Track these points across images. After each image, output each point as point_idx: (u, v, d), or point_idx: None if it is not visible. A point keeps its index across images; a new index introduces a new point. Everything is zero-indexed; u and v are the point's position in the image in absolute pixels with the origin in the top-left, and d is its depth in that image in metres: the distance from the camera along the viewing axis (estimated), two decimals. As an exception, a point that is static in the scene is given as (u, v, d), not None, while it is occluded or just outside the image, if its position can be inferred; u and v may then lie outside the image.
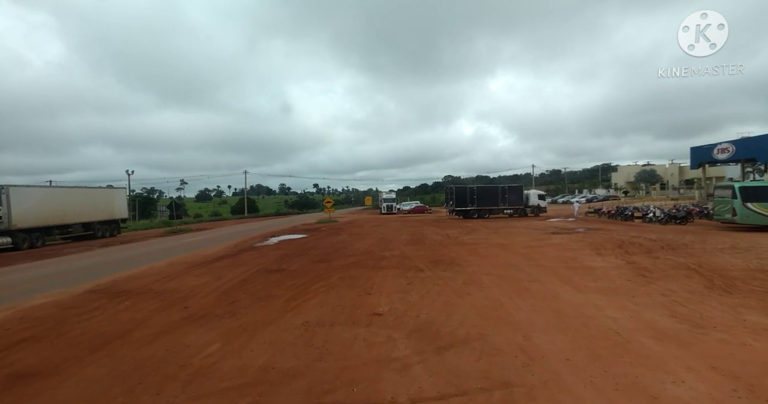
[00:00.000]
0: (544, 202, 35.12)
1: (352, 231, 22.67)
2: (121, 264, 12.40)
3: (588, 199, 56.26)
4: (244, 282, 8.83)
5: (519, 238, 17.11)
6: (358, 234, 20.15)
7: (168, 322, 6.02)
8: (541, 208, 34.43)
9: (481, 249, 13.93)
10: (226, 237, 21.60)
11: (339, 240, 17.71)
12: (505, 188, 34.60)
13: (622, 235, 16.86)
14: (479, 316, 6.10)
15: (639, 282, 8.21)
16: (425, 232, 20.93)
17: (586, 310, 6.27)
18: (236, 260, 12.19)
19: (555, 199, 68.55)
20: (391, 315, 6.21)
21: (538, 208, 34.20)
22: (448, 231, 20.98)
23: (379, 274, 9.56)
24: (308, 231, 23.57)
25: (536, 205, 34.21)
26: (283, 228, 26.63)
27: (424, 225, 26.90)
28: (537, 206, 34.21)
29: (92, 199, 22.71)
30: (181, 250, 15.51)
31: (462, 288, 7.96)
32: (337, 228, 25.41)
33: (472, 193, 33.97)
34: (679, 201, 38.79)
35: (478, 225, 25.50)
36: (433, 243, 15.96)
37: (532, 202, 34.24)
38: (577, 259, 11.29)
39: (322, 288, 8.17)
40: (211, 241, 19.17)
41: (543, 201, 35.00)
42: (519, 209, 33.80)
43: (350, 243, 16.08)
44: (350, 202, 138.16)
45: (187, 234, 24.47)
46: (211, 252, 14.16)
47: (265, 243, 17.35)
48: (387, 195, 52.40)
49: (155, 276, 9.83)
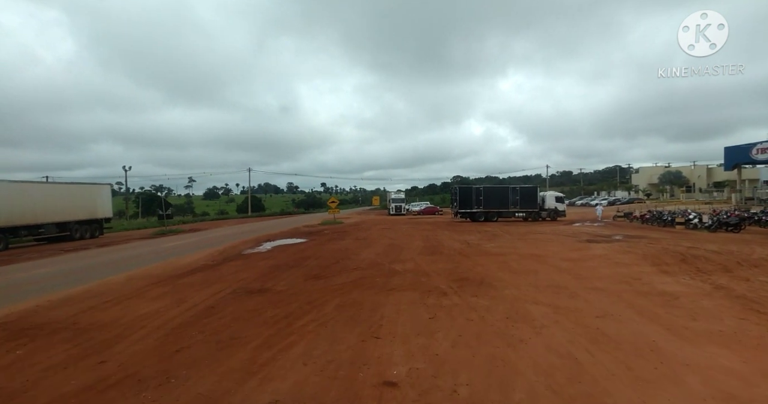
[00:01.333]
0: (563, 205, 31.89)
1: (358, 235, 20.40)
2: (70, 277, 10.19)
3: (609, 201, 53.27)
4: (208, 312, 6.58)
5: (552, 247, 14.68)
6: (365, 240, 17.86)
7: (55, 398, 3.77)
8: (559, 212, 31.31)
9: (512, 261, 11.55)
10: (217, 240, 19.45)
11: (342, 246, 15.44)
12: (517, 189, 31.83)
13: (674, 245, 14.35)
14: (555, 393, 3.76)
15: (759, 322, 5.79)
16: (440, 238, 18.57)
17: (727, 385, 3.89)
18: (213, 274, 9.96)
19: (572, 201, 65.55)
20: (411, 387, 3.91)
21: (555, 212, 31.10)
22: (466, 237, 18.60)
23: (390, 300, 7.26)
24: (309, 234, 21.35)
25: (553, 208, 31.12)
26: (283, 230, 24.41)
27: (438, 228, 24.53)
28: (554, 209, 31.13)
29: (69, 196, 20.59)
30: (155, 258, 13.35)
31: (508, 328, 5.62)
32: (341, 231, 23.17)
33: (478, 194, 31.31)
34: (713, 205, 35.82)
35: (498, 229, 23.04)
36: (452, 252, 13.61)
37: (549, 205, 31.20)
38: (642, 279, 8.87)
39: (312, 324, 5.88)
40: (197, 246, 17.03)
41: (561, 203, 31.83)
42: (533, 212, 30.92)
43: (354, 252, 13.80)
44: (358, 201, 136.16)
45: (176, 237, 22.34)
46: (188, 262, 11.97)
47: (257, 249, 15.14)
48: (396, 195, 50.01)
49: (99, 297, 7.62)
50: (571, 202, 64.22)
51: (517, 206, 30.96)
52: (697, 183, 63.17)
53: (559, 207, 31.40)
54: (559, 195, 32.94)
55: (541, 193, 32.11)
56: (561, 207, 31.47)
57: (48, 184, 21.03)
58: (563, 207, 31.70)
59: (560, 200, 31.89)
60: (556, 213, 31.07)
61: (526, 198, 31.01)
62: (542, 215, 30.90)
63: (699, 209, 29.01)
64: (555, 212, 31.05)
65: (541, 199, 31.35)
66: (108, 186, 24.18)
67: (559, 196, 32.69)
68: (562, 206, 31.69)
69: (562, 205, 31.74)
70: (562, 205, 31.74)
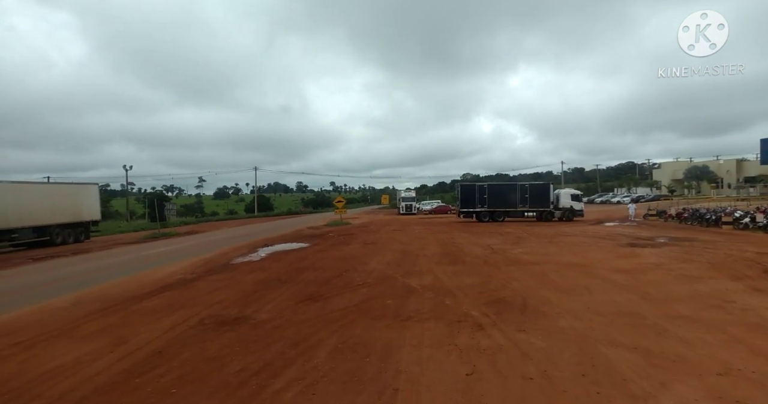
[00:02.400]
0: (580, 204, 28.50)
1: (366, 238, 18.44)
2: (2, 300, 8.34)
3: (632, 198, 50.44)
4: (151, 362, 4.66)
5: (592, 253, 12.57)
6: (373, 244, 15.89)
7: None
8: (576, 211, 27.99)
9: (552, 273, 9.49)
10: (209, 245, 17.64)
11: (347, 253, 13.50)
12: (526, 186, 28.83)
13: (738, 251, 12.16)
14: None
15: None
16: (458, 241, 16.54)
17: None
18: (183, 294, 8.06)
19: (591, 198, 62.71)
20: None
21: (571, 211, 27.85)
22: (487, 240, 16.51)
23: (407, 338, 5.29)
24: (312, 237, 19.47)
25: (568, 208, 27.91)
26: (284, 233, 22.51)
27: (453, 230, 22.46)
28: (569, 208, 27.92)
29: (48, 197, 18.88)
30: (128, 269, 11.51)
31: (593, 400, 3.60)
32: (347, 233, 21.25)
33: (482, 192, 28.70)
34: (750, 201, 33.07)
35: (520, 231, 20.88)
36: (476, 260, 11.57)
37: (563, 204, 28.04)
38: (736, 301, 6.77)
39: (293, 388, 3.92)
40: (184, 252, 15.21)
41: (578, 202, 28.50)
42: (544, 212, 27.95)
43: (361, 260, 11.84)
44: (366, 200, 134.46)
45: (167, 241, 20.51)
46: (162, 275, 10.09)
47: (249, 257, 13.27)
48: (406, 193, 47.92)
49: (12, 336, 5.71)
50: (589, 200, 61.51)
51: (526, 205, 28.13)
52: (725, 178, 59.74)
53: (576, 206, 28.14)
54: (575, 192, 29.57)
55: (556, 191, 29.19)
56: (578, 207, 28.18)
57: (23, 184, 19.16)
58: (580, 207, 28.38)
59: (576, 198, 28.56)
60: (572, 213, 27.86)
61: (537, 196, 28.06)
62: (555, 215, 27.87)
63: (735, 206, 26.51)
64: (570, 211, 27.85)
65: (554, 197, 28.32)
66: (95, 185, 22.47)
67: (576, 193, 29.30)
68: (579, 205, 28.38)
69: (579, 204, 28.41)
70: (579, 204, 28.41)
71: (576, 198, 28.57)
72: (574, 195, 28.80)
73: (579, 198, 28.80)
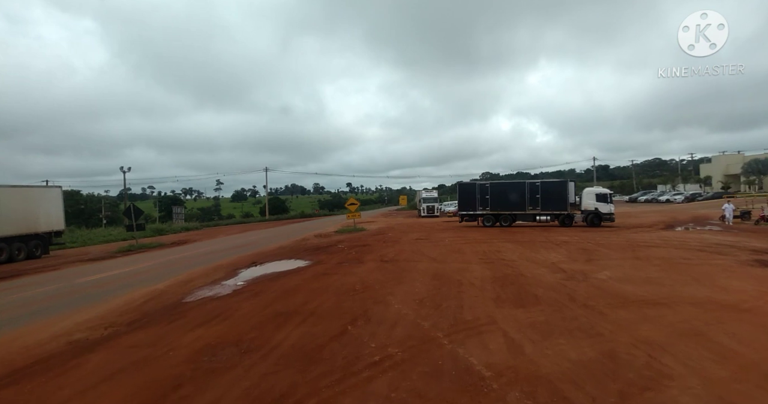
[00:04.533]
0: (608, 206, 22.51)
1: (384, 251, 14.48)
2: None
3: (686, 196, 44.77)
4: None
5: (726, 280, 8.30)
6: (394, 262, 11.90)
7: None
8: (603, 215, 22.25)
9: (705, 326, 5.36)
10: (182, 264, 13.81)
11: (357, 280, 9.53)
12: (537, 185, 23.47)
13: None
14: None
15: None
16: (506, 255, 12.40)
17: None
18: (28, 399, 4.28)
19: (633, 196, 56.90)
20: None
21: (596, 215, 22.26)
22: (545, 255, 12.32)
23: None
24: (317, 251, 15.60)
25: (592, 210, 22.39)
26: (283, 244, 18.51)
27: (491, 237, 18.25)
28: (593, 211, 22.34)
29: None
30: (18, 315, 7.80)
31: None
32: (361, 243, 17.30)
33: (484, 192, 24.41)
34: None
35: (577, 238, 16.50)
36: (554, 294, 7.45)
37: (586, 205, 22.60)
38: None
39: None
40: (137, 278, 11.24)
41: (605, 203, 22.50)
42: (561, 216, 22.88)
43: (377, 294, 7.89)
44: (383, 201, 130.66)
45: (135, 257, 16.48)
46: (44, 338, 6.11)
47: (217, 288, 9.41)
48: (427, 193, 43.65)
49: None
50: (631, 198, 55.81)
51: (537, 207, 23.14)
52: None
53: (602, 208, 22.37)
54: (601, 191, 23.45)
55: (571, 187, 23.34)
56: (604, 209, 22.38)
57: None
58: (608, 209, 22.47)
59: (603, 198, 22.63)
60: (598, 217, 22.27)
61: (551, 196, 22.94)
62: (575, 219, 22.71)
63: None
64: (596, 215, 22.29)
65: (577, 198, 23.03)
66: (57, 189, 18.85)
67: (601, 192, 23.20)
68: (607, 207, 22.44)
69: (607, 206, 22.47)
70: (607, 206, 22.47)
71: (602, 198, 22.68)
72: (600, 194, 22.86)
73: (606, 198, 22.77)
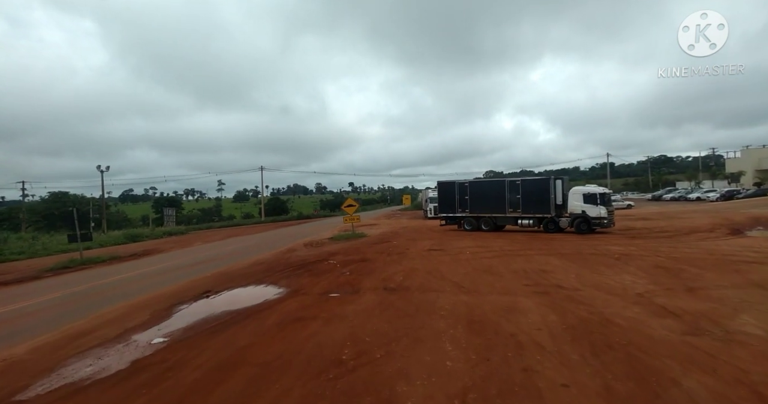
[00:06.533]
0: (598, 209, 18.33)
1: (389, 273, 10.88)
2: None
3: (723, 194, 40.76)
4: None
5: None
6: (404, 292, 8.30)
7: None
8: (593, 220, 18.30)
9: None
10: (108, 293, 10.22)
11: (344, 341, 5.85)
12: (517, 184, 20.33)
13: None
14: None
15: None
16: (562, 281, 8.75)
17: None
18: None
19: (656, 194, 52.83)
20: None
21: (584, 220, 18.43)
22: (615, 278, 8.66)
23: None
24: (300, 269, 12.02)
25: (579, 214, 18.62)
26: (260, 258, 14.82)
27: (523, 247, 14.62)
28: (581, 215, 18.56)
29: None
30: None
31: None
32: (359, 257, 13.69)
33: (463, 192, 21.85)
34: None
35: (634, 248, 12.80)
36: (698, 385, 3.84)
37: (572, 208, 18.91)
38: None
39: None
40: (12, 328, 7.92)
41: (596, 205, 18.37)
42: (545, 219, 19.47)
43: (377, 385, 4.29)
44: (386, 200, 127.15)
45: (63, 278, 13.03)
46: None
47: (112, 356, 5.86)
48: (434, 193, 39.99)
49: None
50: (655, 196, 51.86)
51: (518, 209, 20.11)
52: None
53: (591, 210, 18.37)
54: (591, 190, 19.11)
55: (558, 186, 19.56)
56: (594, 212, 18.33)
57: None
58: (598, 212, 18.30)
59: (592, 199, 18.46)
60: (586, 222, 18.39)
61: (533, 196, 19.78)
62: (561, 224, 19.14)
63: None
64: (583, 220, 18.47)
65: (563, 198, 19.28)
66: None
67: (590, 192, 18.89)
68: (596, 210, 18.30)
69: (596, 209, 18.31)
70: (596, 209, 18.31)
71: (590, 199, 18.48)
72: (588, 194, 18.63)
73: (596, 199, 18.42)
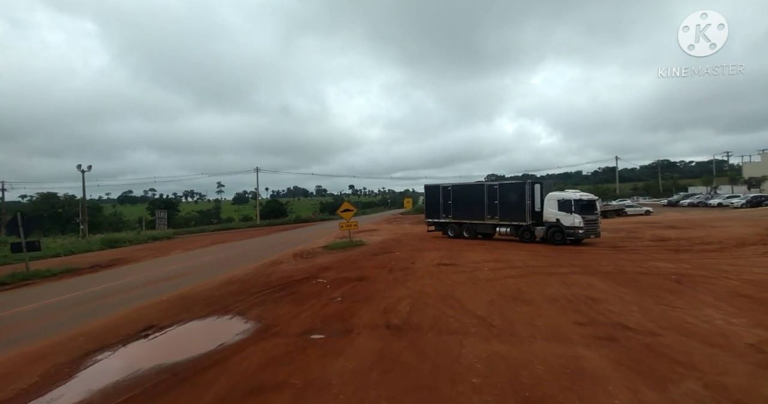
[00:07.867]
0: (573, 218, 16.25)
1: (392, 300, 8.60)
2: None
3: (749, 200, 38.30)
4: None
5: None
6: (412, 336, 6.06)
7: None
8: (567, 230, 16.32)
9: None
10: (20, 330, 8.17)
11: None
12: (494, 189, 18.87)
13: None
14: None
15: None
16: (626, 316, 6.47)
17: None
18: None
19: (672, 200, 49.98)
20: None
21: (558, 230, 16.56)
22: (698, 313, 6.40)
23: None
24: (281, 291, 9.77)
25: (553, 223, 16.76)
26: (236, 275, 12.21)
27: (550, 262, 12.37)
28: (555, 224, 16.69)
29: None
30: None
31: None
32: (354, 276, 11.38)
33: (446, 197, 20.67)
34: None
35: (681, 263, 10.54)
36: None
37: (547, 216, 17.05)
38: None
39: None
40: None
41: (572, 214, 16.30)
42: (521, 228, 17.74)
43: None
44: (387, 203, 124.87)
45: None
46: None
47: None
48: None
49: None
50: (670, 202, 49.30)
51: (495, 216, 18.63)
52: None
53: (564, 219, 16.44)
54: (566, 196, 16.87)
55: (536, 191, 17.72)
56: (568, 221, 16.33)
57: None
58: (573, 221, 16.25)
59: (567, 207, 16.43)
60: (560, 232, 16.51)
61: (510, 202, 18.15)
62: (537, 233, 17.32)
63: None
64: (557, 229, 16.60)
65: (540, 205, 17.41)
66: None
67: (565, 198, 16.75)
68: (571, 219, 16.27)
69: (572, 218, 16.27)
70: (572, 218, 16.27)
71: (565, 206, 16.49)
72: (563, 201, 16.63)
73: (573, 206, 16.31)
